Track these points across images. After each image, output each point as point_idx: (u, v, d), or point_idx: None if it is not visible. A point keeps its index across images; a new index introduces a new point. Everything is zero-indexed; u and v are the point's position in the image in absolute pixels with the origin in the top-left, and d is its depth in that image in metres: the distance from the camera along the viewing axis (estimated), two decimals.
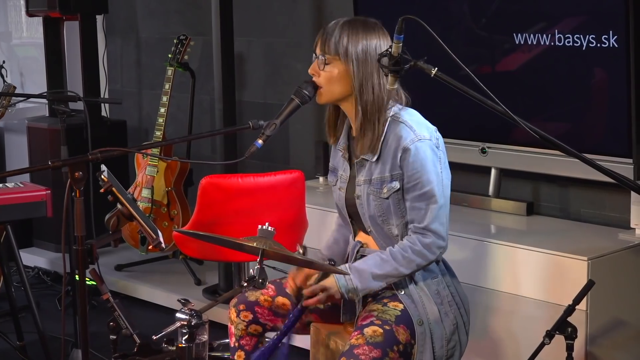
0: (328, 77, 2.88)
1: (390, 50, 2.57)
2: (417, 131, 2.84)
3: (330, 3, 5.15)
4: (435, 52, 2.55)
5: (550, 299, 3.58)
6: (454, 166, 2.99)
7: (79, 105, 4.93)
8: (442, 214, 2.83)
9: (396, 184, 2.86)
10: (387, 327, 2.80)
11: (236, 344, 3.13)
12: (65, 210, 2.89)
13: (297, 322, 2.91)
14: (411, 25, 2.46)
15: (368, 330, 2.79)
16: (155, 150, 5.33)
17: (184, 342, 2.41)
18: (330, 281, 2.84)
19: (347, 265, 2.88)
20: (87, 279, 2.75)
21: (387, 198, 2.87)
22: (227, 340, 3.77)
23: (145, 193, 5.37)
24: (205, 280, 5.27)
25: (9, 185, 4.12)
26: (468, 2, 4.26)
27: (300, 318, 2.93)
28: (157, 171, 5.38)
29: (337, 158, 3.08)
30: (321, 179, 4.96)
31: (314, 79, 2.91)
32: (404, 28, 2.51)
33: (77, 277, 3.97)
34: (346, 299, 2.88)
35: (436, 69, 2.50)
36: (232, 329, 3.14)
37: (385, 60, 2.60)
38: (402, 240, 2.88)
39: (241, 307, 3.11)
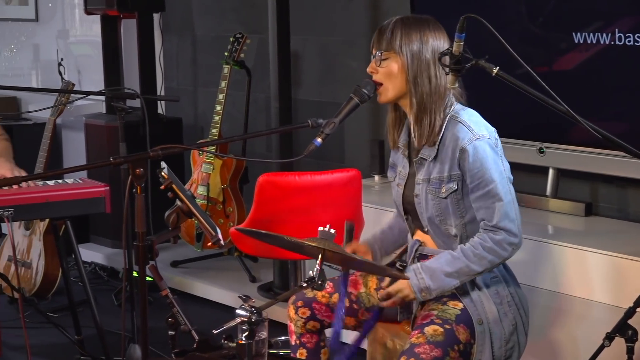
0: (386, 73, 2.89)
1: (451, 49, 2.57)
2: (475, 130, 2.84)
3: (386, 1, 5.14)
4: (488, 51, 2.54)
5: (609, 301, 3.54)
6: (511, 166, 2.97)
7: (135, 103, 4.97)
8: (510, 211, 2.82)
9: (453, 185, 2.85)
10: (447, 327, 2.80)
11: (297, 342, 3.15)
12: (127, 207, 2.91)
13: (375, 324, 2.91)
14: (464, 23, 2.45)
15: (429, 330, 2.79)
16: (212, 148, 5.35)
17: (243, 338, 2.42)
18: (403, 282, 2.84)
19: (418, 264, 2.87)
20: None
21: (445, 198, 2.87)
22: (283, 338, 3.80)
23: (201, 190, 5.40)
24: (260, 278, 5.29)
25: (69, 181, 4.17)
26: (525, 0, 4.23)
27: (378, 320, 2.93)
28: (213, 169, 5.41)
29: (397, 154, 3.08)
30: (376, 177, 4.96)
31: (373, 77, 2.92)
32: (466, 27, 2.51)
33: (135, 273, 4.01)
34: (419, 299, 2.87)
35: (497, 67, 2.50)
36: (292, 326, 3.16)
37: (446, 59, 2.60)
38: (460, 241, 2.87)
39: (299, 303, 3.13)
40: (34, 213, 4.00)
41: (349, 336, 4.36)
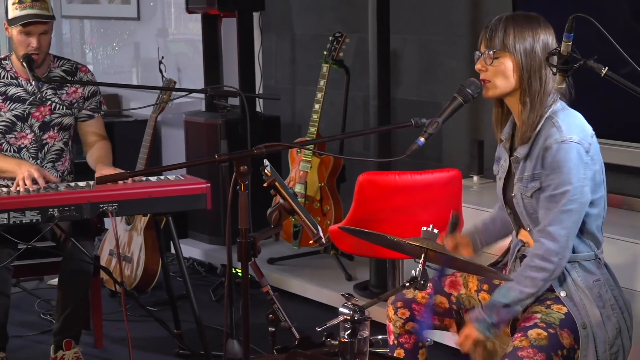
0: (497, 71, 2.86)
1: (558, 48, 2.54)
2: (565, 132, 2.78)
3: (487, 0, 5.09)
4: (587, 50, 2.51)
5: None
6: (613, 167, 2.92)
7: (233, 101, 5.02)
8: (566, 219, 2.76)
9: (537, 184, 2.83)
10: (551, 331, 2.77)
11: (395, 342, 3.14)
12: (230, 204, 2.94)
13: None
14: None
15: (532, 333, 2.77)
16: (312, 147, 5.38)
17: (346, 336, 2.43)
18: (470, 328, 2.87)
19: (479, 307, 2.89)
20: (239, 270, 2.79)
21: (530, 197, 2.84)
22: (381, 337, 3.78)
23: (299, 188, 5.43)
24: (356, 276, 5.29)
25: (170, 177, 4.24)
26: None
27: None
28: (311, 167, 5.43)
29: (501, 147, 3.06)
30: (475, 177, 4.92)
31: (481, 75, 2.89)
32: (574, 26, 2.47)
33: (234, 270, 4.06)
34: (492, 337, 2.88)
35: (607, 68, 2.46)
36: (391, 326, 3.15)
37: (554, 59, 2.57)
38: None
39: (399, 304, 3.12)
40: (137, 208, 4.07)
41: (445, 338, 4.35)
